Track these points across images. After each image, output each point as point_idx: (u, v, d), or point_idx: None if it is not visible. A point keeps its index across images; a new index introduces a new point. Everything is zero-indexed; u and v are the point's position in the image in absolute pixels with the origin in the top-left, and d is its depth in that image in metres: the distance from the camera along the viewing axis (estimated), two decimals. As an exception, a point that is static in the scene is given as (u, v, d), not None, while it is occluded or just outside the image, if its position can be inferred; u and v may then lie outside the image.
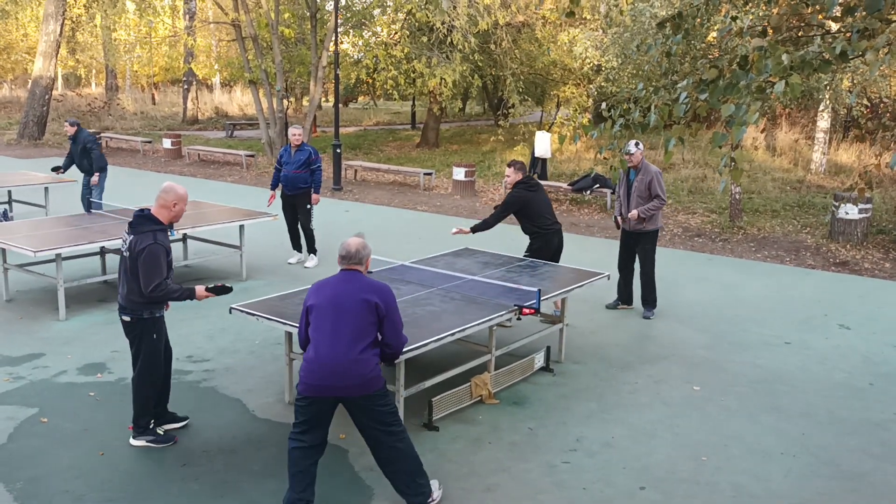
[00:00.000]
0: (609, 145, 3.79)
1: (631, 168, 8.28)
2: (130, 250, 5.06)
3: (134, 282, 5.07)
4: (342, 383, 4.32)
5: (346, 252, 4.58)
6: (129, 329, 5.22)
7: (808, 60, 2.85)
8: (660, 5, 13.57)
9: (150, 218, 5.12)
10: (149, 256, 4.99)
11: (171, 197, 5.17)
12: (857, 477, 5.16)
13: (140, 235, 5.05)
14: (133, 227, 5.11)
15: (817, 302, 9.27)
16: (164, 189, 5.19)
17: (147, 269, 4.99)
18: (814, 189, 17.32)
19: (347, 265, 4.59)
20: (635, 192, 8.27)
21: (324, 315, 4.43)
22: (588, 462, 5.26)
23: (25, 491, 4.73)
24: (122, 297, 5.18)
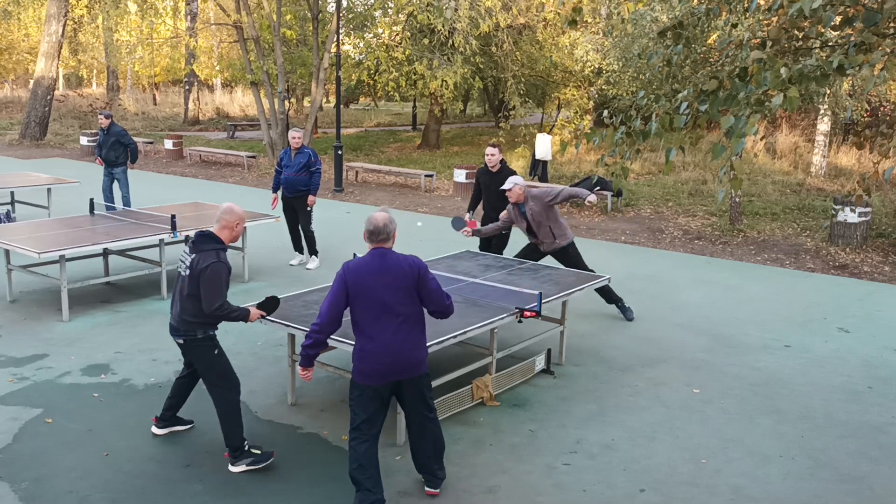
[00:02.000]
0: (611, 152, 3.83)
1: (518, 204, 8.10)
2: (192, 269, 4.95)
3: (189, 301, 4.97)
4: (402, 367, 4.44)
5: (374, 227, 4.48)
6: (186, 351, 5.15)
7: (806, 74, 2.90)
8: (660, 10, 13.62)
9: (213, 237, 5.02)
10: (213, 275, 4.88)
11: (234, 218, 5.08)
12: (855, 480, 5.20)
13: (203, 254, 4.94)
14: (196, 246, 4.98)
15: (817, 305, 9.32)
16: (225, 210, 5.09)
17: (210, 287, 4.88)
18: (814, 192, 17.37)
19: (377, 242, 4.50)
20: (537, 220, 8.02)
21: (372, 302, 4.38)
22: (588, 464, 5.30)
23: (30, 491, 4.77)
24: (175, 318, 5.08)
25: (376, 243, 4.52)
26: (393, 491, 4.88)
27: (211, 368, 5.11)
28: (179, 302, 5.06)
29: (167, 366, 6.84)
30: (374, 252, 4.49)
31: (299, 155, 10.07)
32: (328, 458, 5.28)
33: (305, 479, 5.00)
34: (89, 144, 22.74)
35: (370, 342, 4.41)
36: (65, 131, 28.07)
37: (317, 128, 27.79)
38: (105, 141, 12.43)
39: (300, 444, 5.47)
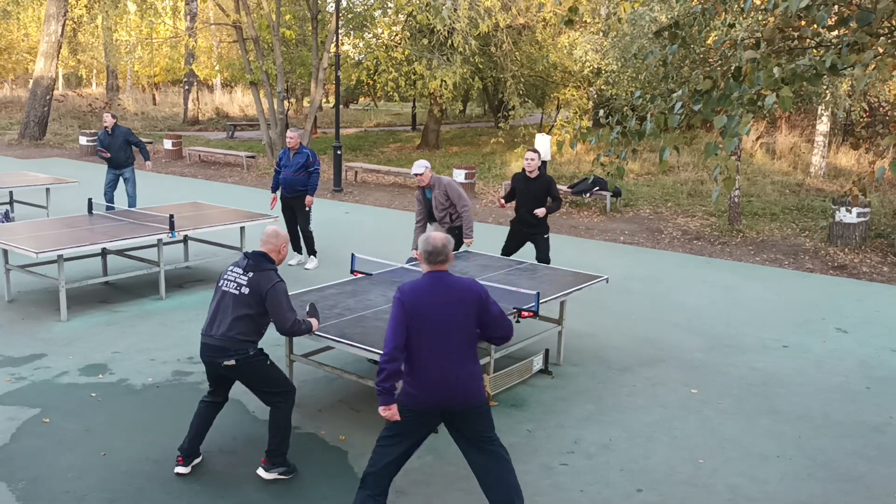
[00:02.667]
0: (607, 151, 3.83)
1: (425, 188, 8.54)
2: (251, 288, 4.84)
3: (243, 321, 4.85)
4: (454, 398, 4.17)
5: (433, 248, 4.22)
6: (235, 371, 4.91)
7: (799, 73, 2.90)
8: (659, 9, 13.62)
9: (268, 257, 4.98)
10: (281, 294, 4.84)
11: (282, 240, 5.06)
12: (852, 479, 5.20)
13: (263, 273, 4.87)
14: (254, 264, 4.90)
15: (815, 305, 9.32)
16: (271, 234, 5.04)
17: (283, 306, 4.84)
18: (813, 192, 17.37)
19: (436, 264, 4.24)
20: (438, 206, 8.47)
21: (433, 331, 4.13)
22: (586, 464, 5.30)
23: (27, 491, 4.77)
24: (221, 339, 4.85)
25: (436, 265, 4.25)
26: (391, 491, 4.87)
27: (269, 381, 4.98)
28: (229, 322, 4.86)
29: (165, 366, 6.84)
30: (435, 277, 4.22)
31: (297, 155, 10.08)
32: (325, 458, 5.28)
33: (302, 479, 5.00)
34: (88, 144, 22.73)
35: (423, 368, 4.15)
36: (64, 131, 28.07)
37: (316, 128, 27.80)
38: (112, 143, 12.22)
39: (297, 444, 5.46)
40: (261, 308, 4.88)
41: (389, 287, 6.74)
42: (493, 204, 16.21)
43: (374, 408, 6.07)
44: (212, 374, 5.05)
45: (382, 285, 6.80)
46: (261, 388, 5.00)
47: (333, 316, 5.84)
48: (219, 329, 4.87)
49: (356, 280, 7.00)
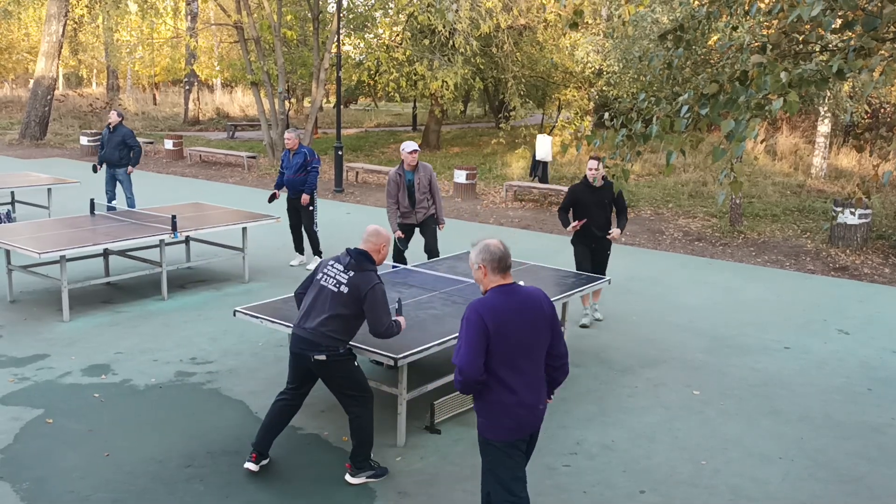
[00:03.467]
0: (612, 154, 3.85)
1: (408, 170, 8.77)
2: (350, 287, 4.83)
3: (339, 319, 4.83)
4: (539, 421, 3.90)
5: (501, 255, 3.77)
6: (322, 367, 4.88)
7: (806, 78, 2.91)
8: (661, 11, 13.64)
9: (370, 257, 4.98)
10: (381, 295, 4.83)
11: (382, 240, 5.05)
12: (853, 480, 5.21)
13: (363, 273, 4.86)
14: (356, 264, 4.90)
15: (817, 307, 9.33)
16: (372, 233, 5.04)
17: (380, 308, 4.82)
18: (814, 194, 17.38)
19: (505, 274, 3.80)
20: (420, 188, 8.76)
21: (517, 351, 3.74)
22: (588, 465, 5.32)
23: (31, 491, 4.78)
24: (314, 334, 4.85)
25: (505, 276, 3.81)
26: (393, 492, 4.89)
27: (352, 381, 4.97)
28: (324, 317, 4.84)
29: (168, 366, 6.85)
30: (508, 290, 3.78)
31: (296, 155, 10.20)
32: (328, 459, 5.29)
33: (306, 480, 5.01)
34: (89, 144, 22.73)
35: (509, 394, 3.73)
36: (65, 131, 28.08)
37: (317, 128, 27.81)
38: (110, 140, 12.39)
39: (301, 445, 5.48)
40: (357, 309, 4.86)
41: (392, 288, 6.76)
42: (494, 204, 16.21)
43: (377, 408, 6.06)
44: (298, 368, 5.01)
45: (385, 286, 6.80)
46: (342, 391, 4.97)
47: (336, 317, 5.85)
48: (312, 323, 4.87)
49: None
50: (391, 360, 5.10)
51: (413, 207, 8.79)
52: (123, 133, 12.43)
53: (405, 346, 5.29)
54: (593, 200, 8.01)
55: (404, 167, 8.74)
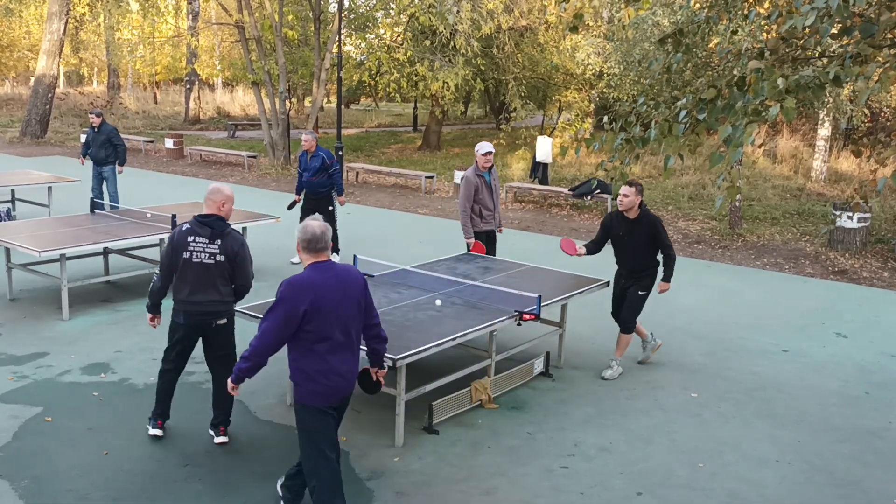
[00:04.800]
0: (611, 157, 3.86)
1: (485, 170, 8.43)
2: (225, 253, 5.13)
3: (227, 286, 5.22)
4: (351, 388, 4.29)
5: (312, 236, 4.15)
6: (220, 331, 5.31)
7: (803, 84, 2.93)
8: (662, 14, 13.66)
9: (222, 219, 5.21)
10: (246, 250, 5.22)
11: (221, 197, 5.21)
12: (850, 484, 5.23)
13: (229, 236, 5.17)
14: (218, 231, 5.14)
15: (815, 310, 9.34)
16: (212, 191, 5.21)
17: (247, 262, 5.21)
18: (814, 197, 17.40)
19: (316, 253, 4.18)
20: (495, 191, 8.54)
21: (331, 323, 4.11)
22: (586, 467, 5.33)
23: (30, 489, 4.80)
24: (213, 303, 5.20)
25: (317, 254, 4.18)
26: (391, 492, 4.90)
27: (232, 341, 5.42)
28: (215, 287, 5.17)
29: (167, 365, 6.85)
30: (319, 267, 4.16)
31: (314, 158, 10.23)
32: (327, 459, 5.30)
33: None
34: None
35: (326, 362, 4.12)
36: (65, 129, 28.10)
37: (317, 128, 27.83)
38: (95, 139, 12.53)
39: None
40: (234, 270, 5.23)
41: (391, 288, 6.77)
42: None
43: (375, 409, 6.09)
44: (190, 338, 5.36)
45: (384, 287, 6.83)
46: (225, 351, 5.39)
47: (335, 317, 5.86)
48: (206, 296, 5.19)
49: (358, 281, 7.01)
50: (390, 360, 5.11)
51: (494, 211, 8.50)
52: (108, 131, 12.55)
53: (404, 346, 5.31)
54: (628, 234, 6.87)
55: (480, 168, 8.36)
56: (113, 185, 12.83)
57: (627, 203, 6.71)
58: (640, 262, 6.91)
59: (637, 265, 6.92)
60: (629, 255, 6.93)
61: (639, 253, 6.88)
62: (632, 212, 6.78)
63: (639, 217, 6.79)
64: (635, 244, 6.84)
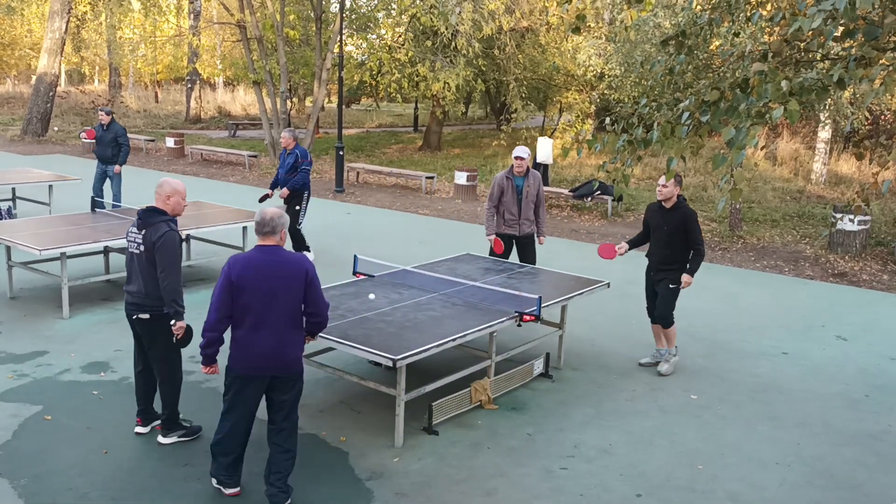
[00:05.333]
0: (612, 159, 3.86)
1: (518, 175, 8.29)
2: (146, 244, 5.09)
3: (151, 279, 5.10)
4: (277, 364, 4.56)
5: (260, 220, 4.56)
6: (148, 327, 5.21)
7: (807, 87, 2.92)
8: (663, 15, 13.65)
9: (158, 210, 5.19)
10: (167, 243, 5.05)
11: (167, 190, 5.21)
12: (851, 487, 5.22)
13: (153, 227, 5.10)
14: (143, 221, 5.14)
15: (815, 312, 9.34)
16: (159, 184, 5.25)
17: (167, 257, 5.04)
18: (814, 199, 17.40)
19: (263, 236, 4.58)
20: (529, 197, 8.30)
21: (260, 300, 4.48)
22: (585, 468, 5.32)
23: (29, 488, 4.79)
24: (138, 295, 5.16)
25: (263, 238, 4.59)
26: (391, 493, 4.90)
27: (167, 343, 5.23)
28: (141, 279, 5.13)
29: (167, 364, 6.85)
30: (263, 250, 4.56)
31: (290, 155, 10.41)
32: (326, 459, 5.30)
33: (303, 480, 5.02)
34: (91, 141, 22.73)
35: (245, 333, 4.52)
36: (66, 128, 28.09)
37: (318, 128, 27.83)
38: (103, 137, 12.54)
39: (298, 445, 5.48)
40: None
41: (391, 289, 6.76)
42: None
43: (375, 409, 6.09)
44: (133, 332, 5.35)
45: (384, 287, 6.82)
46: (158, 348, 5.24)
47: (336, 317, 5.86)
48: (133, 287, 5.18)
49: (358, 281, 7.02)
50: (390, 360, 5.10)
51: (519, 217, 8.28)
52: (116, 131, 12.55)
53: (404, 347, 5.30)
54: (657, 224, 7.00)
55: (513, 172, 8.26)
56: (117, 185, 12.83)
57: (666, 193, 6.87)
58: (669, 255, 6.94)
59: (667, 257, 6.96)
60: (661, 245, 6.98)
61: (670, 244, 6.92)
62: (669, 202, 6.92)
63: (674, 207, 6.91)
64: (668, 235, 6.91)
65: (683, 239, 6.88)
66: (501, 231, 8.37)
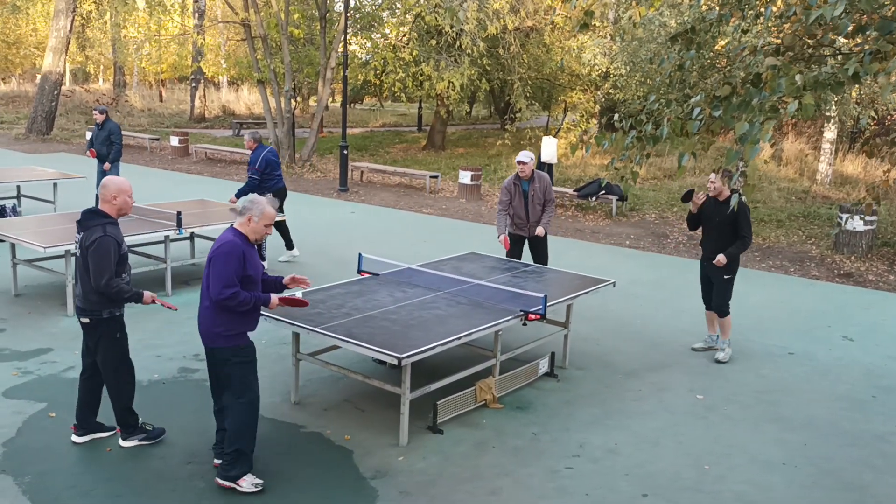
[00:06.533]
0: (621, 156, 3.83)
1: (524, 179, 8.36)
2: (81, 247, 4.98)
3: (87, 280, 4.99)
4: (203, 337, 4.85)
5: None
6: (90, 331, 5.10)
7: (821, 81, 2.89)
8: (669, 14, 13.62)
9: (98, 212, 5.03)
10: (99, 250, 4.89)
11: (112, 190, 5.07)
12: (858, 488, 5.19)
13: (89, 230, 4.96)
14: (81, 224, 5.02)
15: (821, 313, 9.30)
16: (103, 185, 5.10)
17: (97, 263, 4.88)
18: (819, 200, 17.34)
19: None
20: (533, 201, 8.36)
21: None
22: (591, 468, 5.30)
23: (34, 485, 4.78)
24: (79, 298, 5.07)
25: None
26: (395, 491, 4.88)
27: (110, 350, 5.13)
28: (81, 283, 5.06)
29: (171, 362, 6.84)
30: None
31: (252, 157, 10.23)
32: (330, 457, 5.28)
33: (307, 478, 5.00)
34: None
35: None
36: (71, 126, 28.13)
37: (322, 127, 27.84)
38: (98, 136, 12.55)
39: (302, 443, 5.47)
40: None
41: (397, 287, 6.74)
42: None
43: (380, 408, 6.07)
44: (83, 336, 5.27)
45: (389, 285, 6.80)
46: (104, 355, 5.13)
47: (341, 315, 5.85)
48: (78, 289, 5.14)
49: (363, 280, 7.00)
50: (395, 359, 5.08)
51: (528, 220, 8.40)
52: (110, 128, 12.54)
53: (409, 345, 5.28)
54: (710, 215, 7.37)
55: (519, 176, 8.35)
56: None
57: (716, 189, 7.25)
58: (721, 246, 7.31)
59: (719, 248, 7.33)
60: (713, 237, 7.39)
61: (721, 236, 7.31)
62: (721, 196, 7.28)
63: (726, 201, 7.27)
64: (719, 226, 7.31)
65: (733, 230, 7.27)
66: (513, 232, 8.47)
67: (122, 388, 5.22)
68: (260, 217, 4.76)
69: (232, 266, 4.64)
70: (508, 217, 8.44)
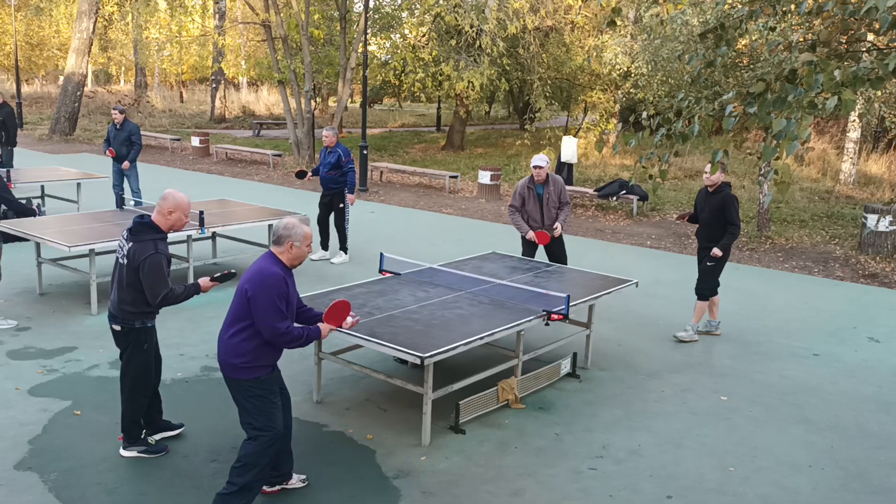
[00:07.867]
0: (648, 154, 3.79)
1: (538, 183, 8.28)
2: (129, 259, 4.90)
3: (128, 291, 4.94)
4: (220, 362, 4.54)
5: (274, 227, 4.52)
6: (120, 338, 5.10)
7: (860, 76, 2.84)
8: (692, 13, 13.52)
9: (151, 226, 4.96)
10: (153, 267, 4.84)
11: (168, 204, 4.99)
12: (887, 492, 5.11)
13: (140, 244, 4.89)
14: (133, 235, 4.93)
15: (846, 314, 9.18)
16: (163, 196, 5.04)
17: (153, 280, 4.85)
18: (843, 200, 17.15)
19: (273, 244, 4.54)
20: (548, 204, 8.30)
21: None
22: (614, 469, 5.26)
23: (59, 482, 4.82)
24: (113, 306, 5.05)
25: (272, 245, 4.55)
26: (418, 491, 4.87)
27: (134, 360, 5.11)
28: (117, 290, 5.02)
29: (193, 361, 6.88)
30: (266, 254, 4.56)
31: (331, 154, 10.30)
32: (353, 456, 5.28)
33: (329, 477, 5.00)
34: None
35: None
36: (93, 127, 28.41)
37: (342, 127, 27.91)
38: (117, 136, 12.57)
39: (325, 442, 5.47)
40: (138, 279, 4.91)
41: (418, 287, 6.74)
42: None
43: (402, 407, 6.06)
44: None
45: (411, 285, 6.80)
46: (127, 363, 5.12)
47: (363, 315, 5.84)
48: (113, 295, 5.08)
49: (385, 279, 7.00)
50: (417, 358, 5.07)
51: (542, 223, 8.34)
52: (130, 129, 12.57)
53: (431, 345, 5.27)
54: (701, 206, 7.86)
55: (534, 180, 8.29)
56: (135, 182, 12.89)
57: (710, 180, 7.73)
58: (710, 234, 7.73)
59: (707, 235, 7.75)
60: (704, 225, 7.79)
61: (710, 225, 7.72)
62: (713, 187, 7.73)
63: (716, 192, 7.71)
64: (709, 215, 7.71)
65: (722, 220, 7.64)
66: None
67: (135, 400, 5.16)
68: (301, 240, 4.49)
69: (280, 298, 4.36)
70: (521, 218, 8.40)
